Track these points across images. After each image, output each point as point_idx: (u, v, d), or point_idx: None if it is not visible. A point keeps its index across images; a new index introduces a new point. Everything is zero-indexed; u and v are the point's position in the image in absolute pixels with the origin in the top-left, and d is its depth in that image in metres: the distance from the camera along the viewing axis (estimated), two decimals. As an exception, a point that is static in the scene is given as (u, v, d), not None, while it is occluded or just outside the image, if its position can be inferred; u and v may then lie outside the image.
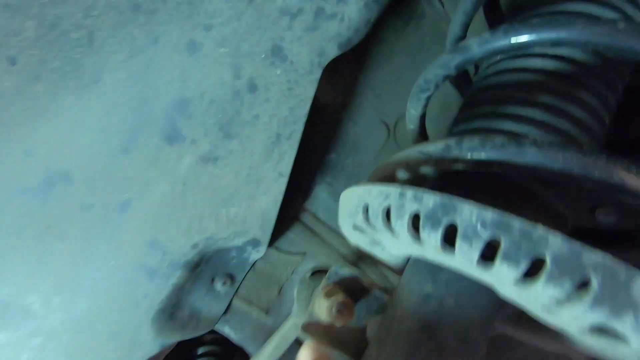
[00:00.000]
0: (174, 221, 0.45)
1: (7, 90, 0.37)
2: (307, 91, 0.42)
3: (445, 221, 0.22)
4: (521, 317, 0.37)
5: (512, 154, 0.24)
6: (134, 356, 0.48)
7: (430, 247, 0.24)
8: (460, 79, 0.46)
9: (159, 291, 0.46)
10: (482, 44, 0.29)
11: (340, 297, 0.36)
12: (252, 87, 0.42)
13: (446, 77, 0.36)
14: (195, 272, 0.49)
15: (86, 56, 0.38)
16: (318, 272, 0.51)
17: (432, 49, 0.56)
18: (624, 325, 0.19)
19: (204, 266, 0.50)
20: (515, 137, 0.25)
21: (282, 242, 0.55)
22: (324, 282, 0.38)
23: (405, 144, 0.58)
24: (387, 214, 0.26)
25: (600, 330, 0.22)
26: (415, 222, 0.25)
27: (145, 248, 0.45)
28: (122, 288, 0.45)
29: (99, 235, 0.44)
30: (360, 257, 0.57)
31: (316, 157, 0.56)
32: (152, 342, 0.48)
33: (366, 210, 0.28)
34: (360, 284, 0.39)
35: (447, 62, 0.35)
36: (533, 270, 0.21)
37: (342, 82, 0.55)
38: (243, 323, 0.55)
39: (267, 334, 0.55)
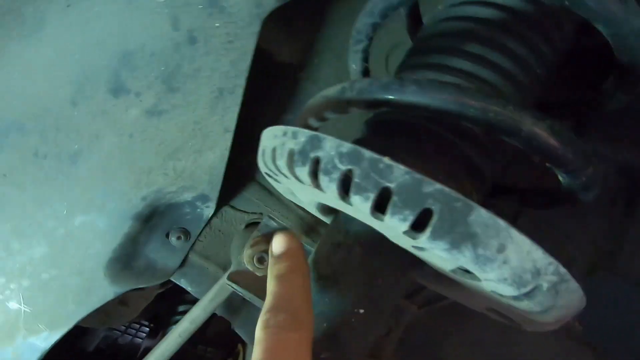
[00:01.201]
0: (122, 173, 0.47)
1: (-49, 38, 0.39)
2: (247, 44, 0.42)
3: (312, 155, 0.22)
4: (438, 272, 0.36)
5: (394, 92, 0.24)
6: (90, 301, 0.50)
7: (306, 184, 0.24)
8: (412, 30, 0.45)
9: (110, 240, 0.49)
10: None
11: (262, 246, 0.37)
12: (192, 40, 0.42)
13: (375, 25, 0.35)
14: (148, 224, 0.51)
15: (25, 4, 0.39)
16: (252, 224, 0.51)
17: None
18: (465, 258, 0.19)
19: (158, 220, 0.51)
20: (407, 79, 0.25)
21: (239, 201, 0.56)
22: (255, 233, 0.39)
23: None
24: (274, 155, 0.26)
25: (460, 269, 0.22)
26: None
27: (96, 198, 0.47)
28: (75, 236, 0.48)
29: (52, 185, 0.46)
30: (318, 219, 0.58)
31: (273, 117, 0.56)
32: (108, 288, 0.50)
33: (263, 152, 0.29)
34: (289, 236, 0.40)
35: (372, 9, 0.34)
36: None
37: (299, 40, 0.54)
38: (200, 277, 0.57)
39: (224, 289, 0.57)
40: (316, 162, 0.22)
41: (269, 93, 0.55)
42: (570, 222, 0.51)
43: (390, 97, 0.24)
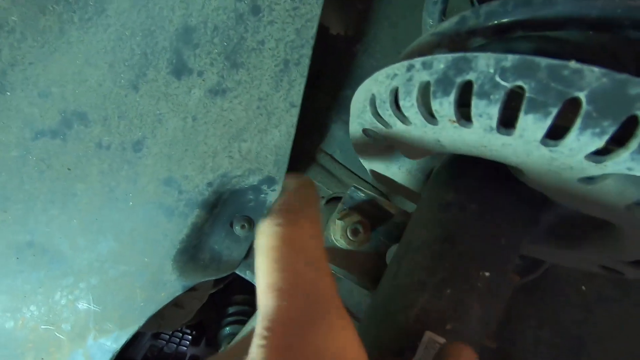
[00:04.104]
0: (187, 158, 0.45)
1: (16, 25, 0.38)
2: (313, 9, 0.40)
3: (459, 80, 0.19)
4: (553, 231, 0.33)
5: (539, 7, 0.21)
6: (159, 296, 0.48)
7: (444, 122, 0.21)
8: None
9: (178, 231, 0.47)
10: None
11: (355, 217, 0.34)
12: (256, 9, 0.40)
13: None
14: (213, 213, 0.49)
15: (87, -15, 0.38)
16: (333, 199, 0.49)
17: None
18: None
19: (222, 208, 0.49)
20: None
21: (300, 186, 0.54)
22: (339, 206, 0.36)
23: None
24: (396, 97, 0.24)
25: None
26: (427, 99, 0.22)
27: (161, 187, 0.45)
28: (142, 228, 0.46)
29: (117, 176, 0.45)
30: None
31: (330, 94, 0.53)
32: (176, 282, 0.48)
33: (373, 101, 0.26)
34: (378, 208, 0.37)
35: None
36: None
37: (354, 11, 0.51)
38: (265, 268, 0.55)
39: (290, 280, 0.55)
40: (465, 86, 0.20)
41: (324, 69, 0.52)
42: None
43: (533, 15, 0.21)
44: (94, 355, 0.48)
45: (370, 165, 0.36)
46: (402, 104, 0.23)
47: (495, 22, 0.23)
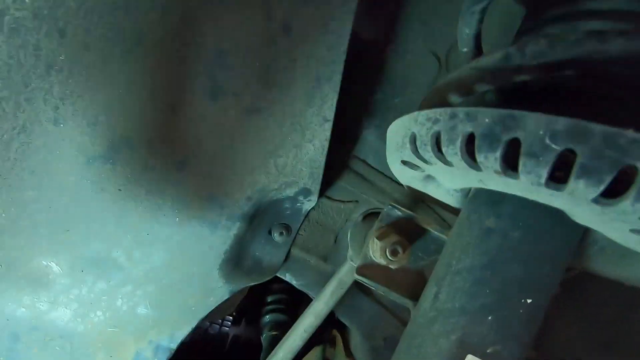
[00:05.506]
0: (226, 175, 0.47)
1: (63, 64, 0.40)
2: (344, 25, 0.39)
3: (505, 138, 0.19)
4: (604, 250, 0.33)
5: (592, 47, 0.20)
6: (208, 301, 0.52)
7: (489, 172, 0.21)
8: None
9: (222, 242, 0.50)
10: None
11: (393, 237, 0.35)
12: (287, 29, 0.40)
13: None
14: (253, 224, 0.51)
15: (124, 19, 0.39)
16: (370, 215, 0.50)
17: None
18: None
19: (260, 218, 0.52)
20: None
21: (334, 191, 0.55)
22: (377, 224, 0.37)
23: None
24: (438, 141, 0.24)
25: None
26: (470, 146, 0.22)
27: (204, 203, 0.48)
28: (189, 241, 0.49)
29: (163, 194, 0.48)
30: (416, 201, 0.55)
31: (361, 99, 0.53)
32: (223, 288, 0.52)
33: (414, 140, 0.26)
34: (415, 224, 0.38)
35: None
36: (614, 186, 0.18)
37: (383, 13, 0.50)
38: (303, 270, 0.57)
39: (326, 279, 0.57)
40: (513, 144, 0.20)
41: (355, 75, 0.52)
42: None
43: (585, 54, 0.20)
44: (155, 353, 0.54)
45: (408, 183, 0.36)
46: (445, 150, 0.23)
47: (542, 61, 0.22)
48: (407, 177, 0.35)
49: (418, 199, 0.54)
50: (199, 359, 1.17)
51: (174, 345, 0.54)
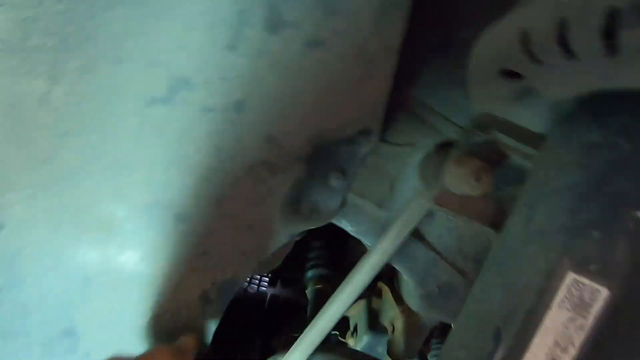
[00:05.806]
0: (286, 114, 0.46)
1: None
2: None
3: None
4: None
5: None
6: (268, 245, 0.53)
7: (633, 53, 0.19)
8: None
9: (281, 185, 0.49)
10: None
11: (476, 163, 0.33)
12: (353, -53, 0.37)
13: None
14: (310, 166, 0.50)
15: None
16: (443, 146, 0.48)
17: None
18: None
19: (318, 160, 0.51)
20: None
21: (390, 134, 0.53)
22: (454, 151, 0.36)
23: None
24: (561, 32, 0.21)
25: None
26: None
27: (264, 144, 0.47)
28: (249, 184, 0.49)
29: (222, 136, 0.47)
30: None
31: (423, 36, 0.50)
32: (283, 232, 0.52)
33: (526, 38, 0.24)
34: (496, 150, 0.36)
35: None
36: None
37: None
38: (358, 216, 0.57)
39: (381, 227, 0.56)
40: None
41: (417, 5, 0.49)
42: None
43: None
44: (219, 294, 0.55)
45: (492, 106, 0.34)
46: (572, 38, 0.21)
47: None
48: (493, 99, 0.33)
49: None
50: (241, 317, 1.22)
51: (236, 288, 0.55)
